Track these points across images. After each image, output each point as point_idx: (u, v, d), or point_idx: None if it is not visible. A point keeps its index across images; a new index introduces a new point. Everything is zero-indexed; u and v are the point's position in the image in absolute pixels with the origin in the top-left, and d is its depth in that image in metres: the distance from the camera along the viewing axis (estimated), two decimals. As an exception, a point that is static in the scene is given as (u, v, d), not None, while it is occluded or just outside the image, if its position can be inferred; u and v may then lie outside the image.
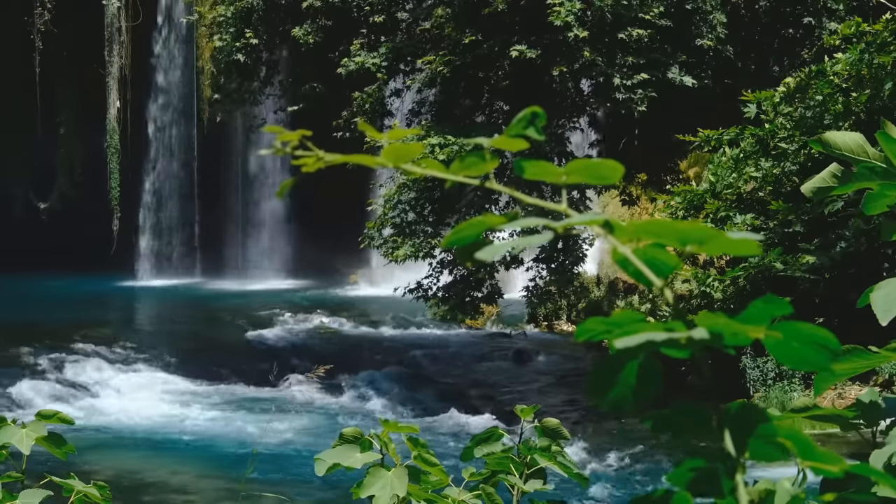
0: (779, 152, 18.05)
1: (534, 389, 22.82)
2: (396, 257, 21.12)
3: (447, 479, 2.74)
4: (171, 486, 16.36)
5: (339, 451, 2.69)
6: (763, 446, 1.03)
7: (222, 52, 24.61)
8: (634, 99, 20.38)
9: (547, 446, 2.83)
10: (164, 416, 20.53)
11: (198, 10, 30.46)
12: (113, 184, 39.70)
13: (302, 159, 1.12)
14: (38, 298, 33.16)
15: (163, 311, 34.31)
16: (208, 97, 35.08)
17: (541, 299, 26.48)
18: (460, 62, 21.31)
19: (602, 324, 1.04)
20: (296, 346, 26.39)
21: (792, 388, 17.78)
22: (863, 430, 1.78)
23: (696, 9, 21.05)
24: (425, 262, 21.91)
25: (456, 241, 1.09)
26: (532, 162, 1.09)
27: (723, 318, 1.00)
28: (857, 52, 17.23)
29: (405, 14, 23.34)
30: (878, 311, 1.72)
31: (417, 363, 24.91)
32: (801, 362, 1.03)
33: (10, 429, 2.85)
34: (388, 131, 1.25)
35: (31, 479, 2.88)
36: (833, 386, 15.57)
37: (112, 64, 39.50)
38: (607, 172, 1.10)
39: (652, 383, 1.01)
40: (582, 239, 21.31)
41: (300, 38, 23.09)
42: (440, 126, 21.18)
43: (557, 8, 19.85)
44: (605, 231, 1.04)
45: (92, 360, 23.96)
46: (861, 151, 1.91)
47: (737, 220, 17.64)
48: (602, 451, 17.52)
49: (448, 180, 1.13)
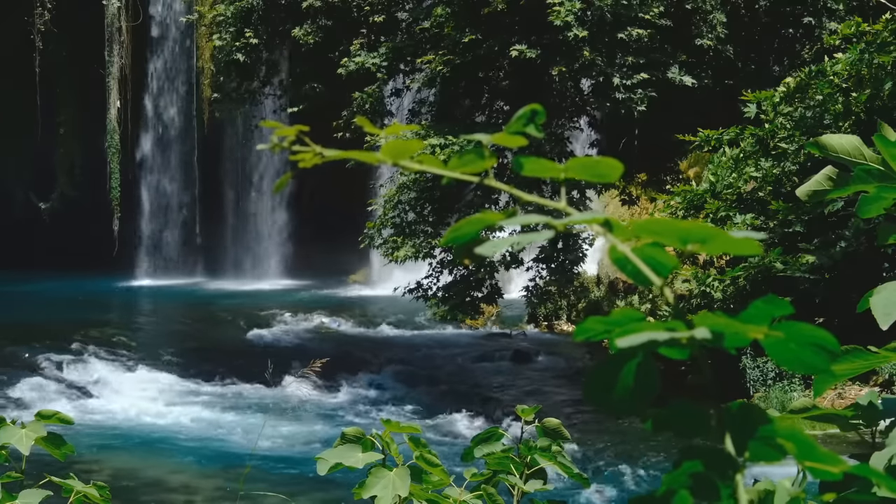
0: (779, 152, 18.05)
1: (534, 389, 22.81)
2: (396, 257, 21.12)
3: (448, 479, 2.74)
4: (170, 485, 16.35)
5: (341, 451, 2.69)
6: (763, 447, 1.03)
7: (222, 52, 24.62)
8: (634, 99, 20.38)
9: (547, 446, 2.82)
10: (163, 415, 20.53)
11: (198, 9, 30.47)
12: (113, 184, 39.71)
13: (299, 154, 1.11)
14: (39, 298, 33.17)
15: (163, 311, 34.30)
16: (208, 97, 35.11)
17: (541, 299, 26.48)
18: (460, 62, 21.31)
19: (601, 323, 1.03)
20: (296, 346, 26.39)
21: (792, 389, 17.78)
22: (862, 430, 1.78)
23: (696, 8, 21.05)
24: (425, 263, 21.92)
25: (455, 238, 1.09)
26: (531, 159, 1.09)
27: (723, 318, 0.99)
28: (857, 52, 17.24)
29: (405, 14, 23.34)
30: (879, 315, 1.72)
31: (417, 363, 24.90)
32: (800, 365, 1.03)
33: (10, 429, 2.85)
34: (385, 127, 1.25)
35: (31, 479, 2.87)
36: (833, 386, 15.57)
37: (112, 64, 39.50)
38: (606, 170, 1.10)
39: (650, 383, 1.01)
40: (582, 239, 21.31)
41: (300, 38, 23.09)
42: (440, 126, 21.18)
43: (557, 8, 19.85)
44: (605, 230, 1.03)
45: (92, 360, 23.96)
46: (858, 154, 1.90)
47: (737, 220, 17.64)
48: (602, 451, 17.52)
49: (444, 177, 1.13)
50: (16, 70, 39.54)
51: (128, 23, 39.76)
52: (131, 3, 39.70)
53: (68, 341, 25.07)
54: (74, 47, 39.72)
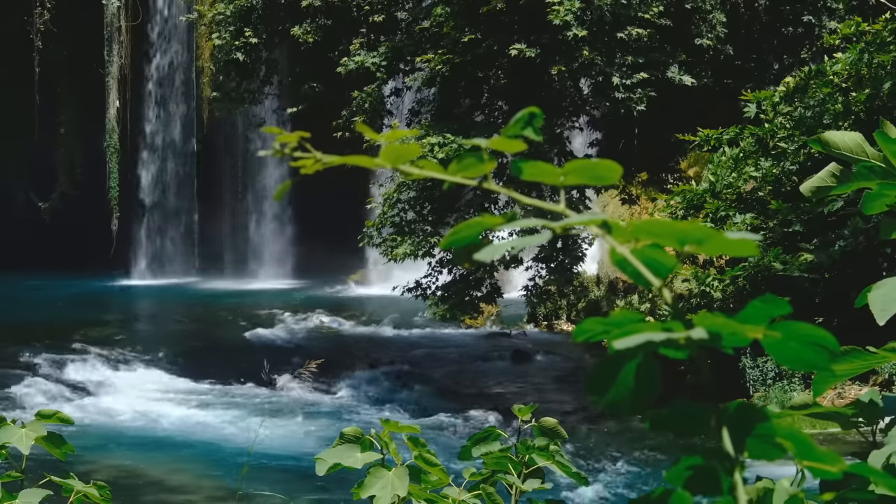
0: (778, 152, 18.05)
1: (533, 389, 22.81)
2: (395, 256, 21.12)
3: (447, 478, 2.74)
4: (169, 485, 16.35)
5: (340, 451, 2.69)
6: (762, 445, 1.03)
7: (221, 51, 24.62)
8: (634, 98, 20.38)
9: (545, 446, 2.83)
10: (163, 415, 20.52)
11: (197, 8, 30.45)
12: (112, 183, 39.71)
13: (300, 161, 1.12)
14: (38, 298, 33.16)
15: (162, 311, 34.29)
16: (208, 96, 35.11)
17: (540, 299, 26.48)
18: (459, 61, 21.31)
19: (600, 324, 1.04)
20: (295, 345, 26.38)
21: (791, 388, 17.78)
22: (862, 428, 1.78)
23: (696, 8, 21.05)
24: (424, 262, 21.92)
25: (454, 241, 1.09)
26: (530, 163, 1.09)
27: (721, 318, 1.00)
28: (857, 52, 17.23)
29: (404, 13, 23.34)
30: (876, 311, 1.72)
31: (417, 363, 24.89)
32: (800, 363, 1.03)
33: (10, 429, 2.85)
34: (386, 132, 1.25)
35: (31, 479, 2.88)
36: (832, 386, 15.56)
37: (112, 64, 39.50)
38: (605, 173, 1.10)
39: (650, 383, 1.01)
40: (581, 238, 21.30)
41: (300, 38, 23.09)
42: (440, 125, 21.18)
43: (556, 7, 19.85)
44: (604, 231, 1.04)
45: (92, 359, 23.96)
46: (860, 151, 1.91)
47: (736, 220, 17.64)
48: (601, 451, 17.52)
49: (446, 181, 1.13)
50: (16, 70, 39.53)
51: (127, 22, 39.75)
52: (131, 3, 39.69)
53: (68, 341, 25.07)
54: (74, 47, 39.71)
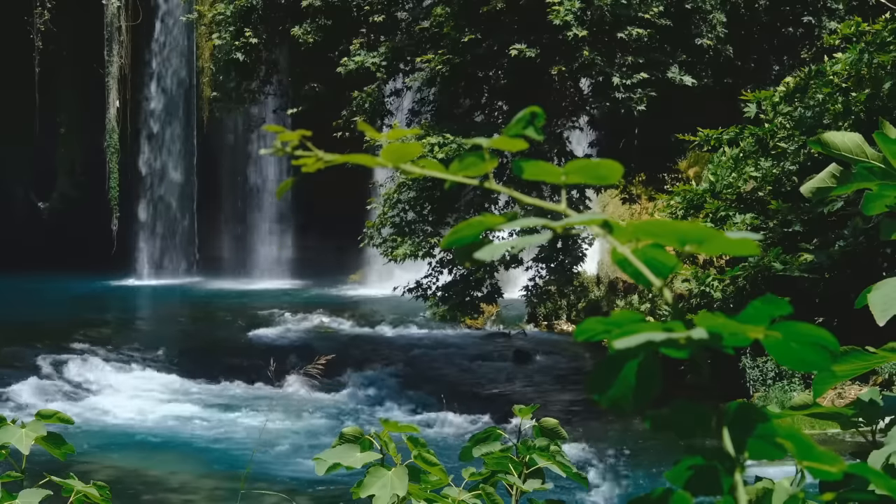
0: (778, 152, 18.05)
1: (533, 389, 22.81)
2: (396, 256, 21.12)
3: (447, 478, 2.73)
4: (170, 485, 16.36)
5: (340, 451, 2.69)
6: (762, 446, 1.03)
7: (221, 51, 24.61)
8: (634, 98, 20.38)
9: (545, 446, 2.82)
10: (163, 415, 20.52)
11: (197, 8, 30.44)
12: (112, 183, 39.71)
13: (302, 160, 1.12)
14: (38, 298, 33.16)
15: (162, 311, 34.31)
16: (208, 96, 35.11)
17: (540, 299, 26.49)
18: (459, 61, 21.31)
19: (601, 324, 1.04)
20: (295, 345, 26.38)
21: (791, 388, 17.78)
22: (862, 428, 1.78)
23: (696, 8, 21.05)
24: (425, 262, 21.92)
25: (455, 241, 1.09)
26: (531, 162, 1.09)
27: (722, 319, 1.00)
28: (857, 52, 17.23)
29: (404, 13, 23.34)
30: (876, 312, 1.72)
31: (417, 363, 24.90)
32: (801, 363, 1.03)
33: (10, 429, 2.85)
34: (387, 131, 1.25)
35: (31, 479, 2.88)
36: (832, 386, 15.55)
37: (112, 64, 39.50)
38: (606, 172, 1.10)
39: (651, 383, 1.02)
40: (581, 238, 21.30)
41: (300, 38, 23.08)
42: (440, 125, 21.19)
43: (557, 7, 19.85)
44: (604, 231, 1.04)
45: (92, 359, 23.96)
46: (860, 152, 1.91)
47: (736, 220, 17.64)
48: (601, 451, 17.52)
49: (447, 181, 1.13)
50: (16, 70, 39.52)
51: (128, 22, 39.75)
52: (131, 3, 39.69)
53: (68, 341, 25.08)
54: (74, 47, 39.71)
